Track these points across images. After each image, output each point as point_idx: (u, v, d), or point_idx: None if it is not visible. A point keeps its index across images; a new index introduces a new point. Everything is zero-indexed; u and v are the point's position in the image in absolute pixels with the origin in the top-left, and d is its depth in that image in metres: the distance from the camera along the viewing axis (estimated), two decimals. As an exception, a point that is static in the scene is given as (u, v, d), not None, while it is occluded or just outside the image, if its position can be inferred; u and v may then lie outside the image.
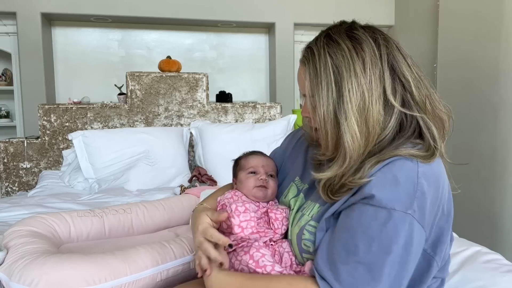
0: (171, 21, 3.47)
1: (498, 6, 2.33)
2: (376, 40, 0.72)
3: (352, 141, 0.69)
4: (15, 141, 2.50)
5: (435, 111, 0.73)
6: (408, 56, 0.74)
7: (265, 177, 0.94)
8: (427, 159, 0.67)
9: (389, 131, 0.71)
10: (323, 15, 3.58)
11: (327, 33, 0.75)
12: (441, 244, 0.72)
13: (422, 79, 0.73)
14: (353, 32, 0.73)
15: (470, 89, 2.56)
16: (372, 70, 0.70)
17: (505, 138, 2.28)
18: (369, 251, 0.64)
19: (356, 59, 0.70)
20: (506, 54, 2.28)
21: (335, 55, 0.71)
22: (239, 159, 1.01)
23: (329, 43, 0.73)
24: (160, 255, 0.98)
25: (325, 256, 0.69)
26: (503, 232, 2.30)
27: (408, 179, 0.65)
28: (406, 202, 0.64)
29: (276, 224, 0.85)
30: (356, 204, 0.67)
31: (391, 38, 0.75)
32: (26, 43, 3.11)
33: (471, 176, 2.49)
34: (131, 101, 2.67)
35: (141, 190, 2.14)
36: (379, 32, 0.75)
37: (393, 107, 0.71)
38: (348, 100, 0.69)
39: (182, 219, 1.43)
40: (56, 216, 1.13)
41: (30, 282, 0.81)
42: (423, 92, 0.72)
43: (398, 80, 0.72)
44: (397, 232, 0.63)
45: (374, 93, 0.69)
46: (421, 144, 0.70)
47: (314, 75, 0.73)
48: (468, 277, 1.05)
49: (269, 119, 2.91)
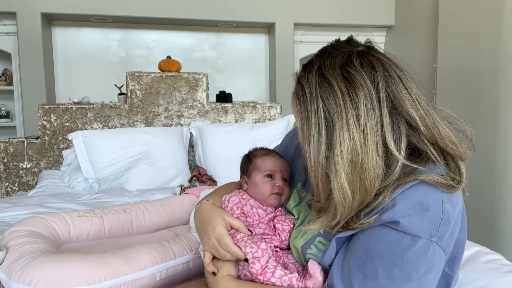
0: (171, 21, 3.47)
1: (498, 6, 2.33)
2: (375, 79, 0.64)
3: (342, 197, 0.63)
4: (15, 141, 2.50)
5: (449, 148, 0.66)
6: (413, 87, 0.66)
7: (282, 184, 0.88)
8: (451, 190, 0.62)
9: (393, 178, 0.64)
10: (323, 15, 3.58)
11: (319, 67, 0.67)
12: (457, 261, 0.71)
13: (430, 114, 0.66)
14: (348, 70, 0.65)
15: (470, 89, 2.56)
16: (368, 119, 0.62)
17: (505, 138, 2.28)
18: (388, 278, 0.61)
19: (350, 107, 0.62)
20: (506, 54, 2.28)
21: (327, 99, 0.64)
22: (253, 156, 0.93)
23: (321, 83, 0.65)
24: (159, 254, 0.98)
25: (339, 276, 0.65)
26: (503, 232, 2.30)
27: (435, 205, 0.61)
28: (432, 229, 0.61)
29: (283, 235, 0.81)
30: (377, 226, 0.63)
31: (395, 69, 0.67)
32: (26, 43, 3.11)
33: (471, 176, 2.48)
34: (131, 101, 2.67)
35: (141, 190, 2.14)
36: (380, 64, 0.66)
37: (396, 156, 0.63)
38: (339, 153, 0.62)
39: (182, 219, 1.43)
40: (56, 216, 1.13)
41: (30, 282, 0.81)
42: (432, 129, 0.65)
43: (402, 119, 0.64)
44: (419, 259, 0.61)
45: (370, 146, 0.62)
46: (444, 166, 0.64)
47: (306, 119, 0.66)
48: (469, 277, 1.05)
49: (269, 119, 2.91)
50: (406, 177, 0.63)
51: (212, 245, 0.78)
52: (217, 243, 0.77)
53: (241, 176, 0.95)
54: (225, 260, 0.78)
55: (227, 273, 0.76)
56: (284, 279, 0.72)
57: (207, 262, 0.79)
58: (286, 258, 0.81)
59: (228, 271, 0.76)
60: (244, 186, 0.93)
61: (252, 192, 0.90)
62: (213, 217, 0.81)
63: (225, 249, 0.76)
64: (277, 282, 0.72)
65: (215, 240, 0.77)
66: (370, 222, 0.63)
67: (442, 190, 0.62)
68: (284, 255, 0.81)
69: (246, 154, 0.96)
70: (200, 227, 0.84)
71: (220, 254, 0.77)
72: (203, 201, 0.90)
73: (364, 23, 3.67)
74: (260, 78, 3.90)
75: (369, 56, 0.67)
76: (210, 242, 0.78)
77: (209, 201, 0.89)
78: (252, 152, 0.95)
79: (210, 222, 0.80)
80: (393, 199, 0.62)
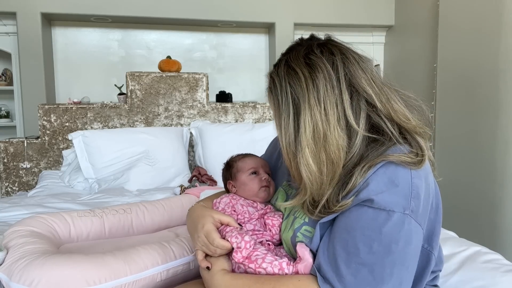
0: (171, 21, 3.47)
1: (498, 6, 2.33)
2: (334, 62, 0.71)
3: (308, 171, 0.69)
4: (15, 141, 2.50)
5: (402, 121, 0.71)
6: (368, 68, 0.73)
7: (267, 176, 0.94)
8: (417, 166, 0.67)
9: (356, 149, 0.70)
10: (323, 15, 3.58)
11: (286, 61, 0.75)
12: (435, 237, 0.75)
13: (383, 91, 0.72)
14: (309, 57, 0.72)
15: (470, 89, 2.56)
16: (328, 97, 0.69)
17: (506, 138, 2.28)
18: (369, 252, 0.64)
19: (312, 88, 0.69)
20: (506, 54, 2.28)
21: (294, 85, 0.71)
22: (233, 161, 1.00)
23: (288, 72, 0.73)
24: (160, 255, 0.98)
25: (326, 257, 0.69)
26: (503, 232, 2.30)
27: (404, 181, 0.66)
28: (404, 203, 0.65)
29: (273, 230, 0.85)
30: (354, 206, 0.67)
31: (352, 53, 0.74)
32: (26, 43, 3.10)
33: (471, 176, 2.49)
34: (131, 101, 2.67)
35: (141, 190, 2.14)
36: (338, 49, 0.73)
37: (355, 128, 0.70)
38: (303, 131, 0.69)
39: (182, 219, 1.43)
40: (56, 216, 1.13)
41: (30, 282, 0.81)
42: (386, 104, 0.71)
43: (362, 97, 0.71)
44: (397, 233, 0.64)
45: (331, 120, 0.68)
46: (407, 146, 0.70)
47: (277, 106, 0.74)
48: (468, 277, 1.05)
49: (269, 119, 2.91)
50: (375, 158, 0.68)
51: (202, 242, 0.82)
52: (206, 239, 0.81)
53: (227, 183, 1.00)
54: (216, 255, 0.80)
55: (221, 267, 0.79)
56: (275, 264, 0.74)
57: (200, 259, 0.82)
58: (278, 252, 0.83)
59: (221, 265, 0.79)
60: (232, 190, 0.98)
61: (241, 192, 0.95)
62: (203, 216, 0.85)
63: (212, 243, 0.79)
64: (268, 267, 0.74)
65: (204, 237, 0.81)
66: (348, 204, 0.67)
67: (409, 168, 0.67)
68: (276, 249, 0.84)
69: (225, 163, 1.03)
70: (191, 227, 0.89)
71: (210, 250, 0.81)
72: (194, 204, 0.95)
73: (364, 23, 3.66)
74: (260, 78, 3.89)
75: (328, 45, 0.75)
76: (200, 240, 0.82)
77: (200, 203, 0.94)
78: (231, 159, 1.02)
79: (200, 221, 0.84)
80: (367, 179, 0.67)
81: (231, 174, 0.98)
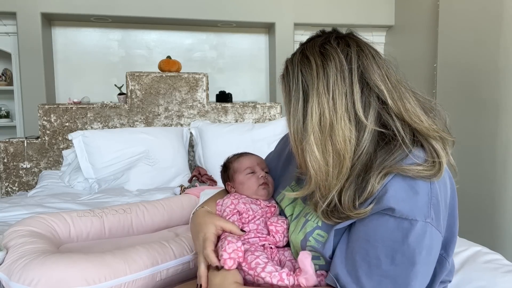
0: (171, 21, 3.47)
1: (498, 6, 2.33)
2: (348, 53, 0.70)
3: (312, 159, 0.68)
4: (15, 141, 2.50)
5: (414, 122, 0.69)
6: (384, 65, 0.71)
7: (264, 174, 0.94)
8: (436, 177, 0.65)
9: (364, 145, 0.68)
10: (323, 15, 3.58)
11: (302, 49, 0.75)
12: (452, 244, 0.73)
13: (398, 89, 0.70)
14: (325, 47, 0.72)
15: (470, 89, 2.56)
16: (337, 87, 0.68)
17: (506, 137, 2.28)
18: (392, 263, 0.63)
19: (322, 77, 0.69)
20: (506, 54, 2.28)
21: (305, 72, 0.71)
22: (229, 162, 1.00)
23: (302, 60, 0.73)
24: (159, 254, 0.98)
25: (344, 268, 0.67)
26: (503, 232, 2.30)
27: (424, 186, 0.64)
28: (425, 211, 0.63)
29: (277, 237, 0.83)
30: (374, 214, 0.65)
31: (369, 48, 0.73)
32: (26, 43, 3.10)
33: (471, 176, 2.49)
34: (131, 101, 2.67)
35: (141, 190, 2.14)
36: (355, 42, 0.73)
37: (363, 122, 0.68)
38: (310, 118, 0.69)
39: (182, 219, 1.43)
40: (56, 216, 1.13)
41: (30, 282, 0.81)
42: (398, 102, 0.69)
43: (373, 92, 0.69)
44: (420, 242, 0.62)
45: (339, 110, 0.68)
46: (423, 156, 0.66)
47: (288, 93, 0.74)
48: (469, 277, 1.05)
49: (269, 119, 2.91)
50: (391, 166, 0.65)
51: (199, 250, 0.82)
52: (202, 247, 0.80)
53: (226, 184, 1.00)
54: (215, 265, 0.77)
55: (234, 280, 0.75)
56: (274, 274, 0.73)
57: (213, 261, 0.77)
58: (282, 256, 0.82)
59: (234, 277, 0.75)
60: (231, 191, 0.98)
61: (241, 191, 0.94)
62: (205, 224, 0.84)
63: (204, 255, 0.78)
64: (266, 277, 0.72)
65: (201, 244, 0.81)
66: (367, 212, 0.65)
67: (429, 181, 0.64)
68: (280, 252, 0.82)
69: (222, 165, 1.03)
70: (194, 233, 0.88)
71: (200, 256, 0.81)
72: (198, 208, 0.93)
73: (364, 23, 3.66)
74: (260, 78, 3.90)
75: (347, 38, 0.74)
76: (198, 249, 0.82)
77: (204, 207, 0.92)
78: (227, 160, 1.02)
79: (202, 229, 0.83)
80: (385, 186, 0.65)
81: (229, 176, 0.98)
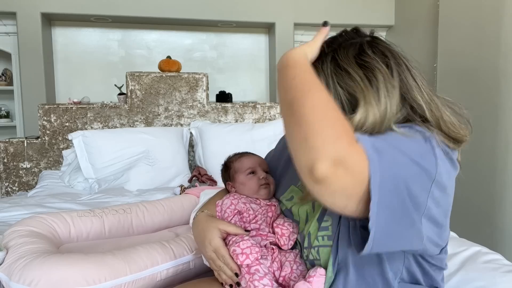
0: (171, 21, 3.46)
1: (498, 6, 2.33)
2: (389, 65, 0.67)
3: None
4: (15, 141, 2.50)
5: (451, 132, 0.68)
6: (417, 75, 0.70)
7: (265, 175, 0.94)
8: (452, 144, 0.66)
9: None
10: (323, 15, 3.58)
11: (333, 58, 0.69)
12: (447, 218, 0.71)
13: (433, 100, 0.69)
14: (362, 59, 0.68)
15: (470, 89, 2.56)
16: (389, 99, 0.65)
17: (506, 137, 2.28)
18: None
19: (370, 88, 0.64)
20: (506, 54, 2.28)
21: (346, 84, 0.67)
22: (230, 162, 0.99)
23: (337, 72, 0.68)
24: (160, 255, 0.98)
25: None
26: (503, 232, 2.30)
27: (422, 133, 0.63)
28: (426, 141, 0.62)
29: (282, 240, 0.82)
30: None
31: (400, 56, 0.71)
32: (26, 43, 3.10)
33: (472, 176, 2.49)
34: (131, 101, 2.67)
35: (141, 190, 2.14)
36: (389, 52, 0.70)
37: None
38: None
39: (182, 219, 1.43)
40: (56, 216, 1.13)
41: (30, 282, 0.81)
42: (436, 114, 0.68)
43: (408, 107, 0.68)
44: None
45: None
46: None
47: None
48: (468, 277, 1.05)
49: (269, 119, 2.90)
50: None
51: (209, 257, 0.82)
52: (215, 255, 0.81)
53: (226, 184, 1.00)
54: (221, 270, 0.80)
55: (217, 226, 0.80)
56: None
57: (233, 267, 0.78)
58: (283, 257, 0.82)
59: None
60: (232, 190, 0.98)
61: (241, 191, 0.94)
62: (209, 229, 0.84)
63: (221, 260, 0.79)
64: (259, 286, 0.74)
65: (213, 253, 0.81)
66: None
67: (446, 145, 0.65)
68: (281, 253, 0.82)
69: (223, 164, 1.03)
70: (198, 240, 0.88)
71: (216, 265, 0.81)
72: (199, 213, 0.93)
73: (364, 23, 3.66)
74: (260, 78, 3.89)
75: (379, 46, 0.71)
76: (208, 255, 0.83)
77: (204, 211, 0.92)
78: (228, 160, 1.02)
79: (207, 235, 0.84)
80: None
81: (229, 176, 0.98)
